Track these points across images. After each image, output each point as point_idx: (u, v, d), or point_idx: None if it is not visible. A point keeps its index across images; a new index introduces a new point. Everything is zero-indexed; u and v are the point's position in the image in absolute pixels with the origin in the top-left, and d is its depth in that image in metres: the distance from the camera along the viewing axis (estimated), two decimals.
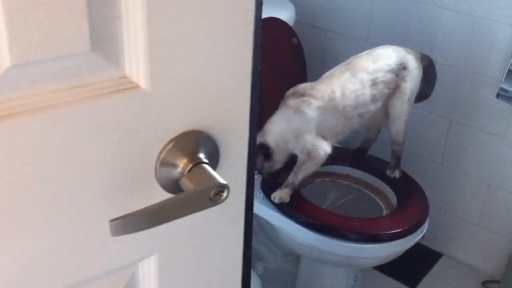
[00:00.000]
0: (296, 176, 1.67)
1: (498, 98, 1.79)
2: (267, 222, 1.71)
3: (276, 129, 1.63)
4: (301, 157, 1.67)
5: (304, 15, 2.19)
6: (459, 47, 1.91)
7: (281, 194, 1.67)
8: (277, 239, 1.77)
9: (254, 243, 1.92)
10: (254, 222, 1.81)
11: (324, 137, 1.64)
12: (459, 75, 1.94)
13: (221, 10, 0.54)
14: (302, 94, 1.62)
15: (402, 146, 1.80)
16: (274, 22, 1.80)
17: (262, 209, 1.71)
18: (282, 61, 1.87)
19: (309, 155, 1.65)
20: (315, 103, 1.60)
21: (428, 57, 1.77)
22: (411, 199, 1.74)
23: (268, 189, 1.73)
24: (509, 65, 1.75)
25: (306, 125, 1.61)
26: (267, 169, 1.68)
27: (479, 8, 1.83)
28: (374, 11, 2.05)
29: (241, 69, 0.59)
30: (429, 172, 2.13)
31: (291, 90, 1.65)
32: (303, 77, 1.94)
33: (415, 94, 1.73)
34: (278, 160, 1.67)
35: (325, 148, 1.63)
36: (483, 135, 1.97)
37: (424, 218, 1.69)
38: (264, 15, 2.00)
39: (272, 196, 1.67)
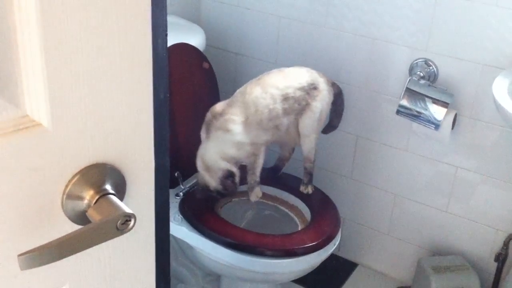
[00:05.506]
0: (254, 173, 1.77)
1: (398, 114, 1.91)
2: (186, 243, 1.73)
3: (213, 155, 1.70)
4: (249, 162, 1.77)
5: (214, 39, 2.24)
6: (361, 68, 2.02)
7: (255, 193, 1.80)
8: (197, 260, 1.79)
9: (174, 265, 1.93)
10: (174, 244, 1.82)
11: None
12: (362, 94, 2.05)
13: (118, 49, 0.57)
14: (221, 114, 1.67)
15: (313, 163, 1.88)
16: (184, 47, 1.83)
17: (181, 230, 1.72)
18: (194, 86, 1.90)
19: (253, 153, 1.72)
20: (237, 119, 1.67)
21: (338, 86, 1.87)
22: (323, 213, 1.82)
23: (186, 211, 1.75)
24: (406, 83, 1.88)
25: (239, 137, 1.68)
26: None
27: (376, 31, 1.93)
28: (280, 34, 2.13)
29: (142, 103, 0.62)
30: (340, 186, 2.22)
31: (210, 114, 1.70)
32: (216, 101, 1.97)
33: (324, 116, 1.83)
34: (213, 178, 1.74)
35: (262, 139, 1.73)
36: (387, 149, 2.08)
37: (336, 231, 1.76)
38: (174, 41, 2.02)
39: (250, 198, 1.81)
